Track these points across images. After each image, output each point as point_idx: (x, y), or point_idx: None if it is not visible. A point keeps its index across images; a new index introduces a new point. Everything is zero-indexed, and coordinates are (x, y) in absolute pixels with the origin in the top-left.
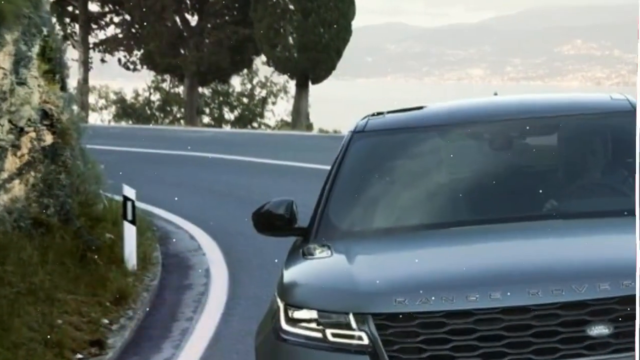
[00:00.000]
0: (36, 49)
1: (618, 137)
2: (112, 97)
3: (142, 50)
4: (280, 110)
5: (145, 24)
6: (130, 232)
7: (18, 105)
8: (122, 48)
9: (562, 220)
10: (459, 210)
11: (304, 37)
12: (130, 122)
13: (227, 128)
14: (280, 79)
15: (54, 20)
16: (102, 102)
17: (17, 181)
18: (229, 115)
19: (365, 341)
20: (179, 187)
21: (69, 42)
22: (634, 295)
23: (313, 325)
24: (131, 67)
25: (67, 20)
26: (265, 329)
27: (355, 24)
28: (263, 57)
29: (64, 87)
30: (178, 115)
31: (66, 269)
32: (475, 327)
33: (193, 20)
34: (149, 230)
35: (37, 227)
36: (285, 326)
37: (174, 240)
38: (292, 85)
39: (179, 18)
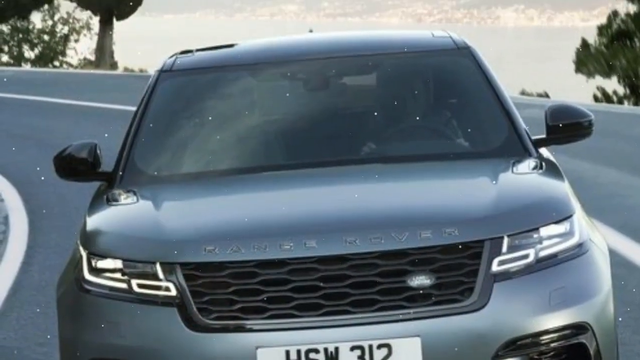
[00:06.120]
0: None
1: (440, 77)
2: None
3: None
4: (83, 48)
5: None
6: None
7: None
8: None
9: (381, 164)
10: (272, 154)
11: None
12: None
13: (27, 67)
14: (83, 15)
15: None
16: None
17: None
18: (29, 54)
19: (173, 292)
20: None
21: None
22: (456, 244)
23: (118, 275)
24: None
25: None
26: (67, 280)
27: None
28: None
29: None
30: None
31: None
32: (289, 277)
33: None
34: None
35: None
36: (88, 276)
37: None
38: (95, 21)
39: None
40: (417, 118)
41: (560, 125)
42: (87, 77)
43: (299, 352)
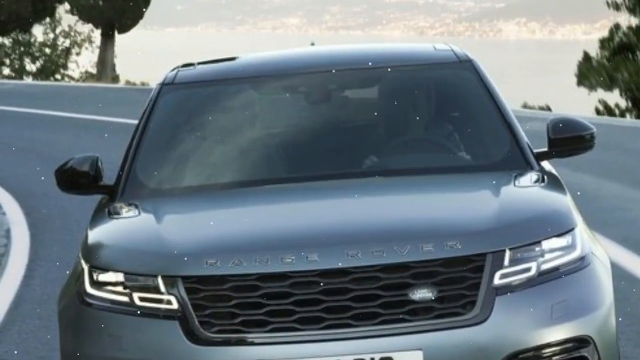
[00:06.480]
0: None
1: (442, 90)
2: None
3: None
4: (84, 61)
5: None
6: None
7: None
8: None
9: (383, 177)
10: (274, 167)
11: None
12: None
13: (28, 80)
14: (85, 28)
15: None
16: None
17: None
18: (30, 67)
19: (175, 305)
20: None
21: None
22: (458, 257)
23: (119, 288)
24: None
25: None
26: (68, 293)
27: None
28: (66, 5)
29: None
30: None
31: None
32: (290, 290)
33: None
34: None
35: None
36: (89, 290)
37: None
38: (97, 34)
39: None
40: (419, 131)
41: (562, 138)
42: (88, 90)
43: None
